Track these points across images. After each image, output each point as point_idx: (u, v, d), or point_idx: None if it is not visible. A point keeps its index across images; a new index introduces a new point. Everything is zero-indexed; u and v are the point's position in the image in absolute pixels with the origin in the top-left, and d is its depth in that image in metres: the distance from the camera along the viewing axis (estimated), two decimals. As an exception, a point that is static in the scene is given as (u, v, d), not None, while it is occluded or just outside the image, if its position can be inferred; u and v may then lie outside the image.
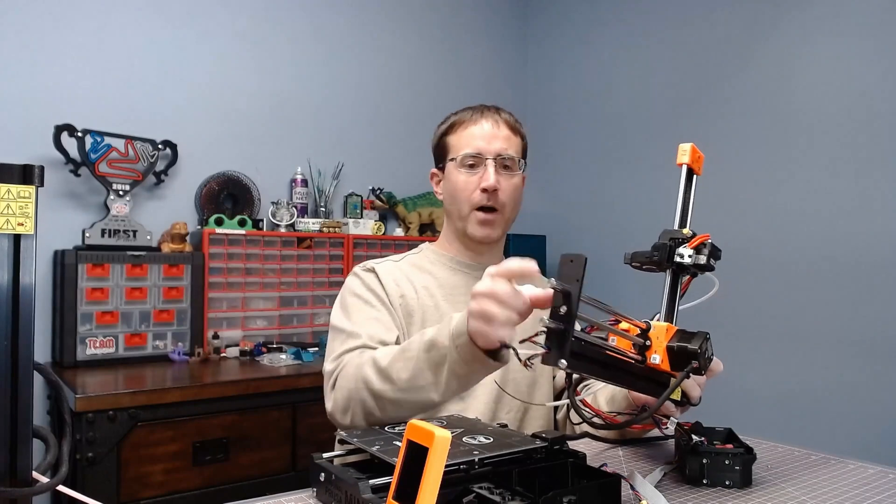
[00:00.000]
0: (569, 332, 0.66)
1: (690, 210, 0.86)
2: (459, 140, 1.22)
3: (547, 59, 3.23)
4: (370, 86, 2.82)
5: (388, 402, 0.93)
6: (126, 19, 2.26)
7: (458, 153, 1.21)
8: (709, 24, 2.51)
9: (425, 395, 0.90)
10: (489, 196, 1.18)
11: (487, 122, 1.21)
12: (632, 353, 0.76)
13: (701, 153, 0.90)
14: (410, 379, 0.90)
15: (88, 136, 2.07)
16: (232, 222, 2.30)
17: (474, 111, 1.24)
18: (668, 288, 0.82)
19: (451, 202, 1.24)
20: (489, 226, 1.20)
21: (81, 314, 1.98)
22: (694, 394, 0.88)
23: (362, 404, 0.96)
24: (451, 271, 1.24)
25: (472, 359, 0.84)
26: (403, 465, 0.56)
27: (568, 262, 0.68)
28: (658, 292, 0.78)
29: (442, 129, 1.28)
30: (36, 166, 0.56)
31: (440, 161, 1.28)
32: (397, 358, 0.93)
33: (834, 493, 0.81)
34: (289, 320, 2.39)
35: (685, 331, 0.77)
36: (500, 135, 1.21)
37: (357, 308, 1.15)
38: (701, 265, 0.80)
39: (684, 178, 0.88)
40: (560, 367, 0.66)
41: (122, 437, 1.64)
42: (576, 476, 0.77)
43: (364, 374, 0.96)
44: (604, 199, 2.90)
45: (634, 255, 0.84)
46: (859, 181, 2.06)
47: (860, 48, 2.07)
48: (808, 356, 2.16)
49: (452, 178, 1.22)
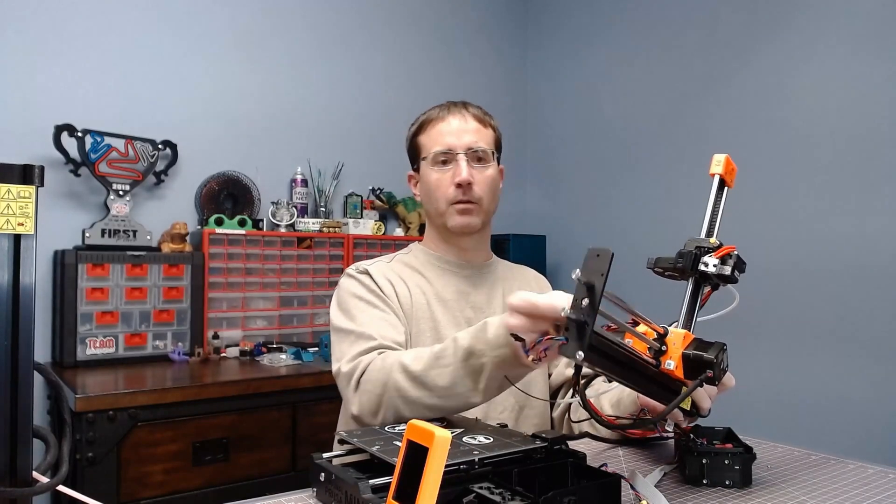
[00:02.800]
0: (589, 325, 0.66)
1: (719, 220, 0.86)
2: (429, 139, 1.23)
3: (546, 62, 3.23)
4: (370, 86, 2.82)
5: (425, 407, 0.94)
6: (126, 19, 2.26)
7: (430, 152, 1.21)
8: (708, 29, 2.51)
9: (464, 399, 0.92)
10: (464, 190, 1.18)
11: (455, 118, 1.22)
12: (647, 357, 0.75)
13: (734, 165, 0.88)
14: (449, 387, 0.91)
15: (88, 136, 2.07)
16: (232, 222, 2.30)
17: (441, 108, 1.24)
18: (688, 296, 0.82)
19: (427, 201, 1.24)
20: (468, 214, 1.19)
21: (81, 314, 1.98)
22: (704, 405, 0.88)
23: (395, 409, 0.96)
24: (440, 271, 1.25)
25: (509, 366, 0.86)
26: (403, 465, 0.56)
27: (594, 255, 0.68)
28: (659, 296, 0.78)
29: (412, 129, 1.28)
30: (36, 166, 0.56)
31: (414, 162, 1.29)
32: (432, 365, 0.93)
33: (834, 493, 0.81)
34: (289, 320, 2.39)
35: (702, 340, 0.76)
36: (468, 128, 1.21)
37: (360, 309, 1.14)
38: (725, 276, 0.79)
39: (715, 188, 0.87)
40: (577, 359, 0.66)
41: (122, 437, 1.64)
42: (576, 476, 0.77)
43: (395, 382, 0.95)
44: (603, 199, 2.90)
45: (658, 261, 0.84)
46: (859, 183, 2.06)
47: (862, 50, 2.07)
48: (808, 356, 2.16)
49: (427, 178, 1.23)
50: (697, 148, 2.51)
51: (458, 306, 1.21)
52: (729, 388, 0.87)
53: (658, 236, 2.57)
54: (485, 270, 1.28)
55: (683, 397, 0.75)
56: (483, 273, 1.27)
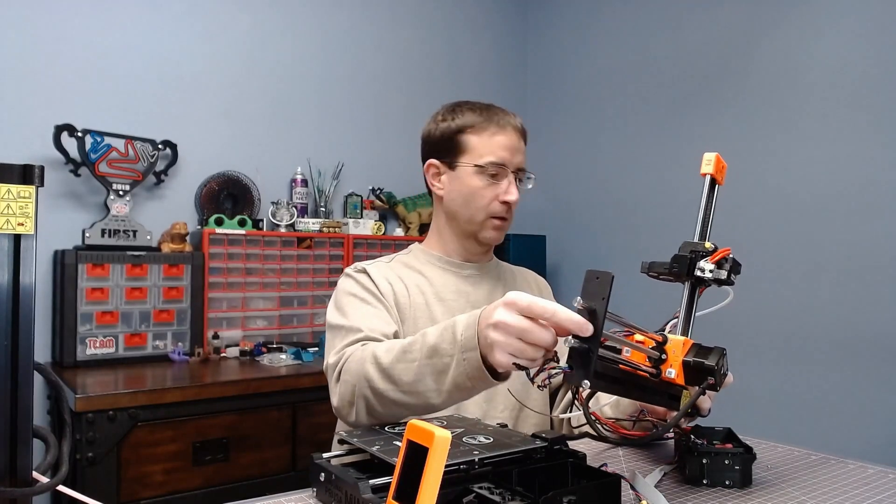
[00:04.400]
0: (593, 353, 0.65)
1: (711, 222, 0.84)
2: (483, 144, 1.18)
3: (547, 58, 3.23)
4: (370, 85, 2.82)
5: (390, 401, 0.93)
6: (126, 19, 2.26)
7: (482, 159, 1.17)
8: (710, 18, 2.50)
9: (425, 399, 0.90)
10: (508, 209, 1.20)
11: (514, 133, 1.20)
12: (646, 367, 0.75)
13: (724, 163, 0.88)
14: (412, 383, 0.90)
15: (88, 136, 2.07)
16: (232, 222, 2.30)
17: (498, 115, 1.20)
18: (685, 301, 0.81)
19: (462, 205, 1.21)
20: (501, 230, 1.23)
21: (81, 314, 1.98)
22: (704, 405, 0.88)
23: (365, 400, 0.95)
24: (440, 270, 1.25)
25: (477, 374, 0.83)
26: (403, 465, 0.56)
27: (594, 278, 0.67)
28: (656, 297, 0.78)
29: (456, 123, 1.20)
30: (36, 166, 0.56)
31: (448, 155, 1.21)
32: (399, 359, 0.92)
33: (834, 493, 0.81)
34: (289, 320, 2.38)
35: (701, 345, 0.76)
36: (521, 147, 1.22)
37: (353, 306, 1.14)
38: (721, 280, 0.79)
39: (707, 188, 0.86)
40: (584, 388, 0.66)
41: (122, 437, 1.64)
42: (576, 476, 0.77)
43: (366, 371, 0.95)
44: (604, 199, 2.90)
45: (652, 265, 0.83)
46: (859, 182, 2.06)
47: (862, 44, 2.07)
48: (808, 356, 2.16)
49: (469, 182, 1.19)
50: (699, 145, 2.51)
51: (458, 305, 1.21)
52: (727, 386, 0.87)
53: (659, 236, 2.57)
54: (485, 270, 1.28)
55: (685, 409, 0.74)
56: (483, 272, 1.28)
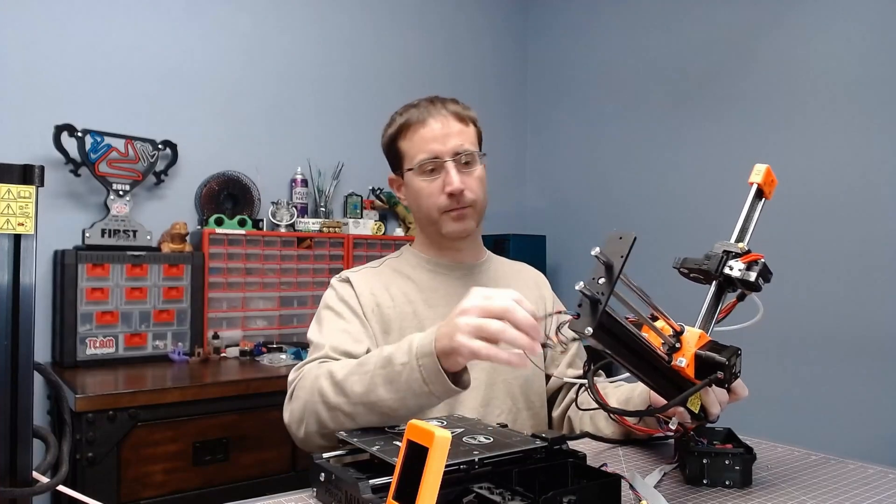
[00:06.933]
0: (602, 303, 0.65)
1: (751, 229, 0.85)
2: (412, 145, 1.16)
3: (547, 58, 3.23)
4: (370, 85, 2.82)
5: (344, 415, 0.91)
6: (126, 19, 2.26)
7: (414, 161, 1.15)
8: (709, 17, 2.50)
9: (379, 410, 0.88)
10: (457, 199, 1.13)
11: (436, 121, 1.14)
12: (659, 351, 0.75)
13: (775, 178, 0.88)
14: (363, 394, 0.89)
15: (88, 136, 2.07)
16: (232, 222, 2.30)
17: (418, 109, 1.16)
18: (710, 298, 0.82)
19: (417, 209, 1.19)
20: (462, 220, 1.16)
21: (81, 314, 1.98)
22: (713, 410, 0.85)
23: (316, 416, 0.94)
24: (431, 274, 1.21)
25: (435, 379, 0.83)
26: (403, 465, 0.56)
27: (616, 238, 0.68)
28: (661, 300, 0.77)
29: (390, 132, 1.20)
30: (36, 166, 0.56)
31: (396, 167, 1.22)
32: (353, 371, 0.91)
33: (834, 493, 0.81)
34: (289, 320, 2.38)
35: (717, 342, 0.76)
36: (452, 131, 1.14)
37: (328, 320, 1.14)
38: (749, 282, 0.79)
39: (752, 196, 0.87)
40: (585, 334, 0.65)
41: (122, 437, 1.64)
42: (576, 476, 0.77)
43: (320, 387, 0.94)
44: (604, 199, 2.90)
45: (685, 261, 0.83)
46: (859, 181, 2.06)
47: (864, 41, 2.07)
48: (808, 356, 2.16)
49: (414, 186, 1.17)
50: (701, 142, 2.51)
51: (450, 309, 1.20)
52: (741, 398, 0.86)
53: (659, 237, 2.56)
54: (477, 270, 1.24)
55: (690, 393, 0.74)
56: (476, 272, 1.24)
